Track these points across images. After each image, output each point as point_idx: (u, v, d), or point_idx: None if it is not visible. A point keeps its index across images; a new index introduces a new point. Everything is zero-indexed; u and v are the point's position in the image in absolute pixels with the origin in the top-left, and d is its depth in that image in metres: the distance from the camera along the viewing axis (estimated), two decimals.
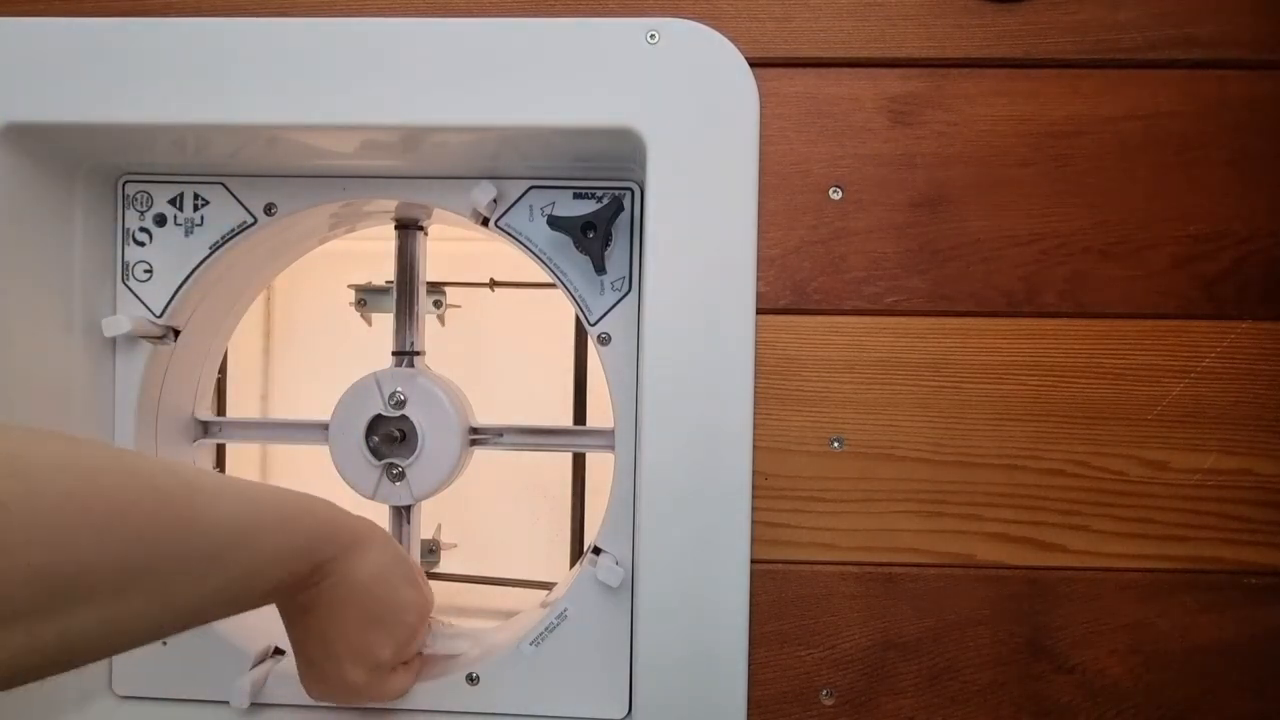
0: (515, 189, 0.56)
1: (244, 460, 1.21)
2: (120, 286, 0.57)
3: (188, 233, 0.57)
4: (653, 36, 0.48)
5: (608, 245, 0.54)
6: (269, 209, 0.57)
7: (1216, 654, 0.49)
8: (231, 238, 0.57)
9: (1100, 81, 0.49)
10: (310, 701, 0.56)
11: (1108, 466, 0.49)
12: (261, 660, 0.57)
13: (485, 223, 0.56)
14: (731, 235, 0.48)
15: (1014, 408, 0.49)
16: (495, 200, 0.55)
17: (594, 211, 0.53)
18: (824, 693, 0.50)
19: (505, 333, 1.28)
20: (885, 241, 0.49)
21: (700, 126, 0.48)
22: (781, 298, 0.49)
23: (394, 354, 0.64)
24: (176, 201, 0.57)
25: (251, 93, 0.49)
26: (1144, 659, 0.49)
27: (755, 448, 0.49)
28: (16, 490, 0.27)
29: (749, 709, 0.49)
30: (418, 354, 0.64)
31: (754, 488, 0.49)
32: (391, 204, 0.60)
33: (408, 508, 0.62)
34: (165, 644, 0.57)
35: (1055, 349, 0.49)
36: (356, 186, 0.56)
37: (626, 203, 0.55)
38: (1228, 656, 0.49)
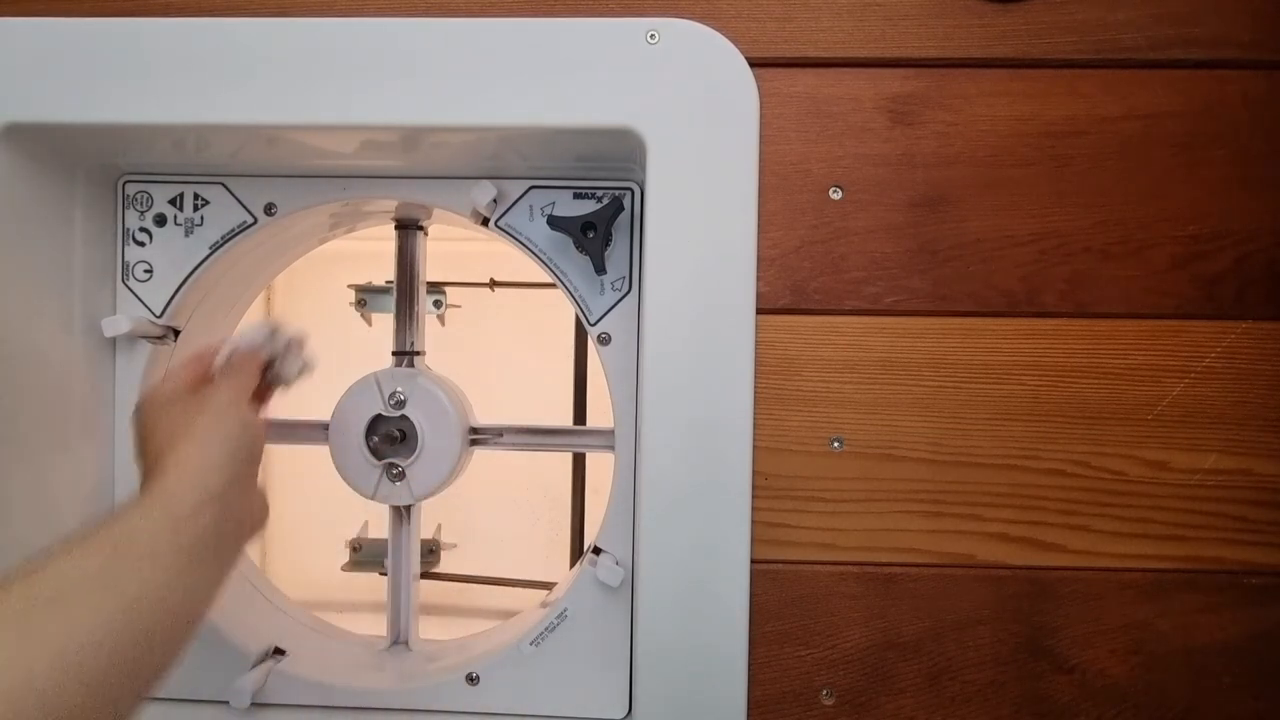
0: (515, 189, 0.56)
1: None
2: (120, 286, 0.57)
3: (188, 233, 0.57)
4: (653, 36, 0.48)
5: (608, 245, 0.54)
6: (269, 209, 0.57)
7: (1216, 654, 0.49)
8: (231, 238, 0.57)
9: (1100, 81, 0.49)
10: (310, 700, 0.56)
11: (1108, 466, 0.49)
12: (261, 660, 0.57)
13: (485, 223, 0.56)
14: (731, 235, 0.48)
15: (1014, 408, 0.49)
16: (495, 200, 0.55)
17: (594, 211, 0.53)
18: (824, 693, 0.50)
19: (505, 333, 1.27)
20: (885, 241, 0.49)
21: (700, 126, 0.48)
22: (781, 298, 0.49)
23: (394, 354, 0.64)
24: (176, 201, 0.57)
25: (251, 93, 0.49)
26: (1144, 659, 0.49)
27: (755, 448, 0.49)
28: None
29: (749, 709, 0.49)
30: (418, 354, 0.64)
31: (754, 488, 0.49)
32: (391, 204, 0.60)
33: (408, 508, 0.62)
34: None
35: (1055, 349, 0.49)
36: (356, 186, 0.56)
37: (626, 203, 0.55)
38: (1228, 656, 0.49)
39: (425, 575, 1.20)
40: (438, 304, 1.08)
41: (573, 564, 1.09)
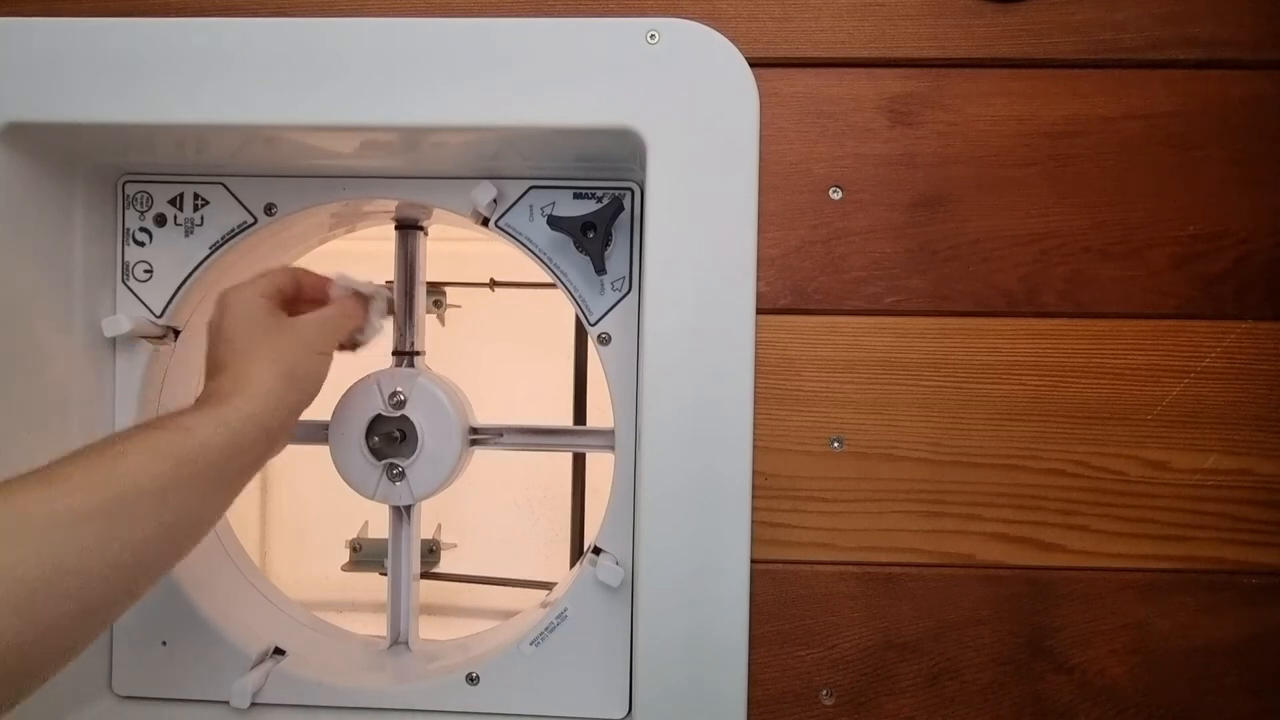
0: (515, 189, 0.56)
1: None
2: (120, 286, 0.57)
3: (188, 233, 0.57)
4: (653, 36, 0.48)
5: (608, 245, 0.54)
6: (269, 209, 0.57)
7: (1216, 654, 0.49)
8: (231, 238, 0.57)
9: (1100, 81, 0.49)
10: (310, 700, 0.56)
11: (1108, 466, 0.49)
12: (261, 660, 0.57)
13: (485, 223, 0.56)
14: (731, 235, 0.48)
15: (1014, 408, 0.49)
16: (495, 200, 0.55)
17: (594, 211, 0.53)
18: (824, 693, 0.50)
19: (505, 333, 1.28)
20: (885, 241, 0.49)
21: (700, 126, 0.48)
22: (781, 298, 0.49)
23: (394, 354, 0.64)
24: (176, 201, 0.57)
25: (251, 93, 0.49)
26: (1144, 659, 0.49)
27: (755, 448, 0.49)
28: None
29: (749, 709, 0.49)
30: (418, 354, 0.64)
31: (754, 488, 0.49)
32: (391, 204, 0.60)
33: (408, 508, 0.62)
34: (165, 644, 0.57)
35: (1055, 349, 0.49)
36: (356, 186, 0.56)
37: (626, 203, 0.55)
38: (1228, 656, 0.49)
39: (425, 575, 1.21)
40: (438, 304, 1.08)
41: (573, 564, 1.09)
